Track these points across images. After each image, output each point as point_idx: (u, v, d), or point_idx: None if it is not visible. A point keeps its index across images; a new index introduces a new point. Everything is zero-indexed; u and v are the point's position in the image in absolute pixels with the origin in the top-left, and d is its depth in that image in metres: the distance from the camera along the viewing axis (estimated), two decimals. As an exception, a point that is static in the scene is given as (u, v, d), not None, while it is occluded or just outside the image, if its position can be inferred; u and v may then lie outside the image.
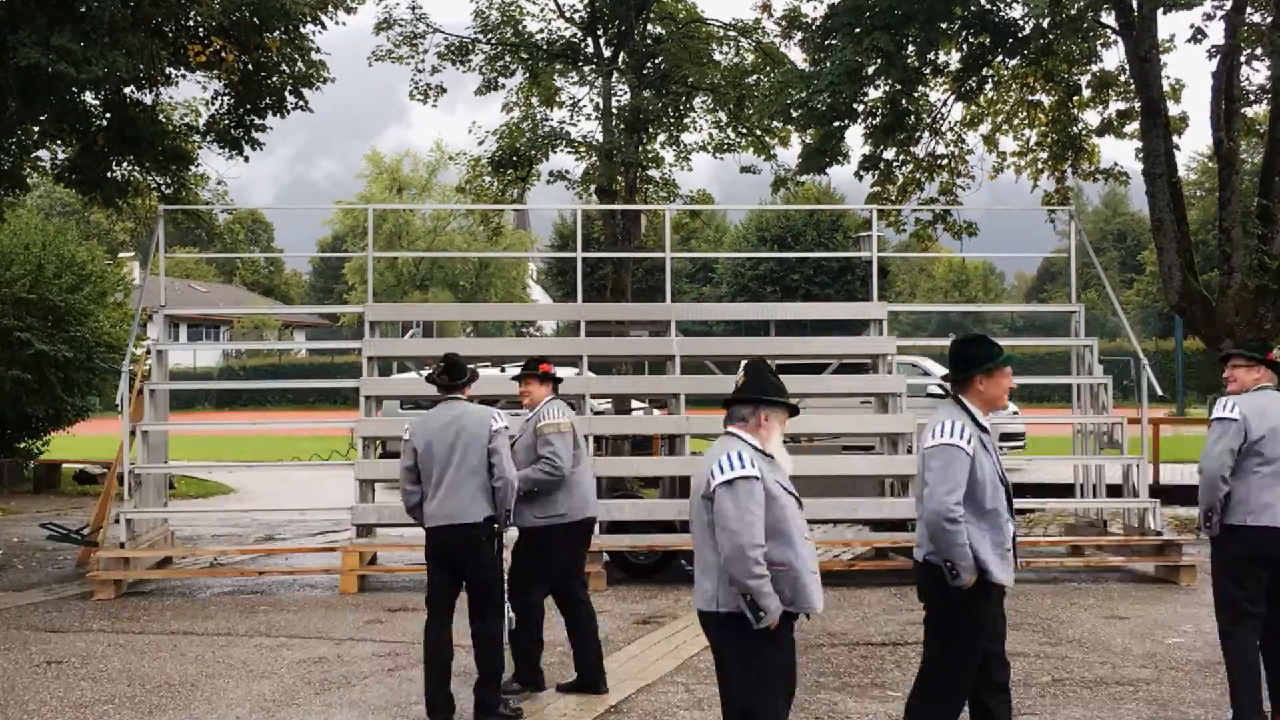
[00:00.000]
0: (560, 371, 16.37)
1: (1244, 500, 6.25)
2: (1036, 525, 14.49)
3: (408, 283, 57.55)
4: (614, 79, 20.03)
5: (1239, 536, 6.28)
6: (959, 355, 5.31)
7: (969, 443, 5.01)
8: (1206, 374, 25.77)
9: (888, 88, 15.62)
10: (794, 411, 4.91)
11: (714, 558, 4.65)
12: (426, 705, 6.66)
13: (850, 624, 9.29)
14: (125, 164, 14.81)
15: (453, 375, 7.03)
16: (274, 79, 14.13)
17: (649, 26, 20.82)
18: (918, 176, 17.10)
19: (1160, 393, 16.22)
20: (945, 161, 17.44)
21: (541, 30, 21.19)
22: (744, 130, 20.77)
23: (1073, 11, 14.12)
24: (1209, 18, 14.09)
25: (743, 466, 4.56)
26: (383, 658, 8.23)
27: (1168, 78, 14.89)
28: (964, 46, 15.89)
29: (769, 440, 4.77)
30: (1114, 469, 12.94)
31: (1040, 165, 17.33)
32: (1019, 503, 14.35)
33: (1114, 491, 12.89)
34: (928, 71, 15.98)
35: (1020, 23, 15.08)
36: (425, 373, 13.40)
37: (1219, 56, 13.90)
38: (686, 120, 21.36)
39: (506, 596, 7.03)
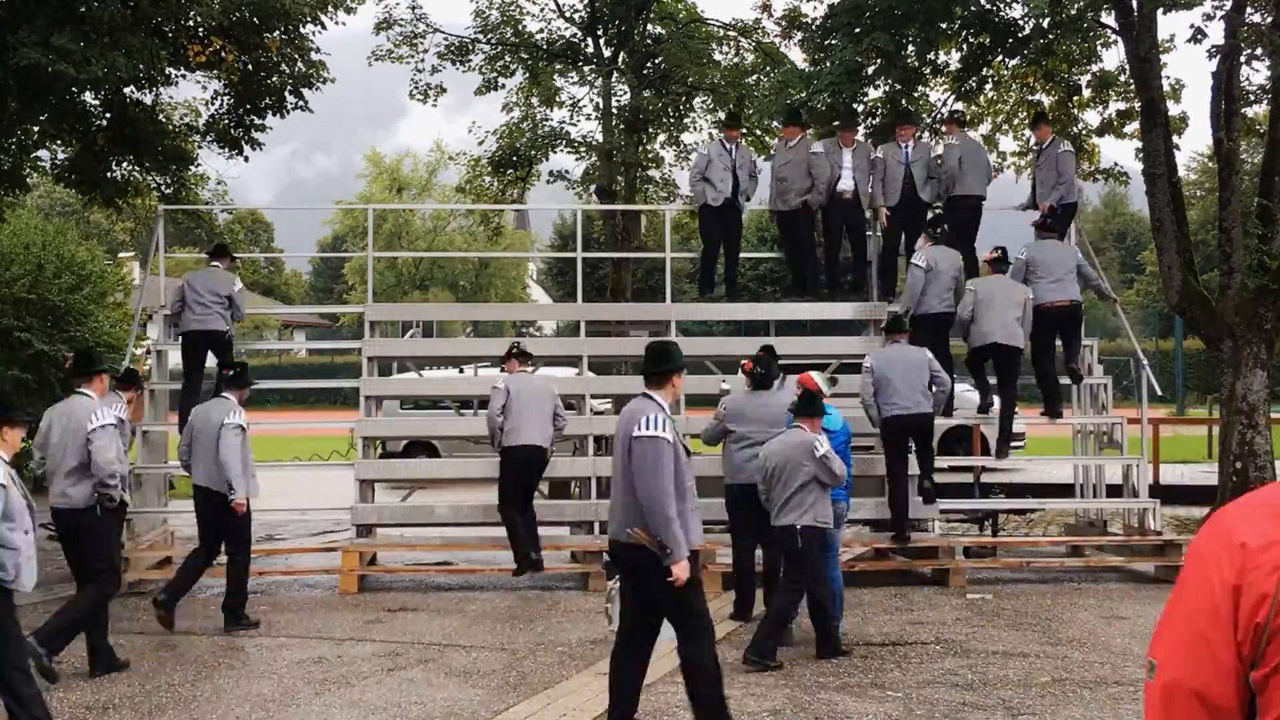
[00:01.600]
0: (560, 372, 16.49)
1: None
2: (1036, 525, 14.50)
3: (408, 283, 57.49)
4: (614, 79, 20.04)
5: None
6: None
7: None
8: (1206, 374, 25.77)
9: (888, 88, 15.63)
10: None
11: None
12: None
13: (850, 624, 9.28)
14: (125, 164, 14.81)
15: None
16: (274, 79, 14.13)
17: (649, 26, 20.84)
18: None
19: (1160, 393, 16.21)
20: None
21: (541, 30, 21.22)
22: (744, 130, 20.78)
23: (1073, 11, 14.11)
24: (1209, 18, 14.08)
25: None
26: (383, 658, 8.23)
27: (1168, 78, 14.88)
28: (964, 46, 15.89)
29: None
30: (1114, 469, 12.94)
31: (1040, 165, 17.31)
32: (1019, 503, 14.33)
33: (1114, 491, 12.90)
34: (928, 71, 15.98)
35: (1020, 23, 15.08)
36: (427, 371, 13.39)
37: (1219, 56, 13.89)
38: (686, 120, 21.38)
39: None
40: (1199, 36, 13.92)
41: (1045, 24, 14.40)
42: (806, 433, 8.15)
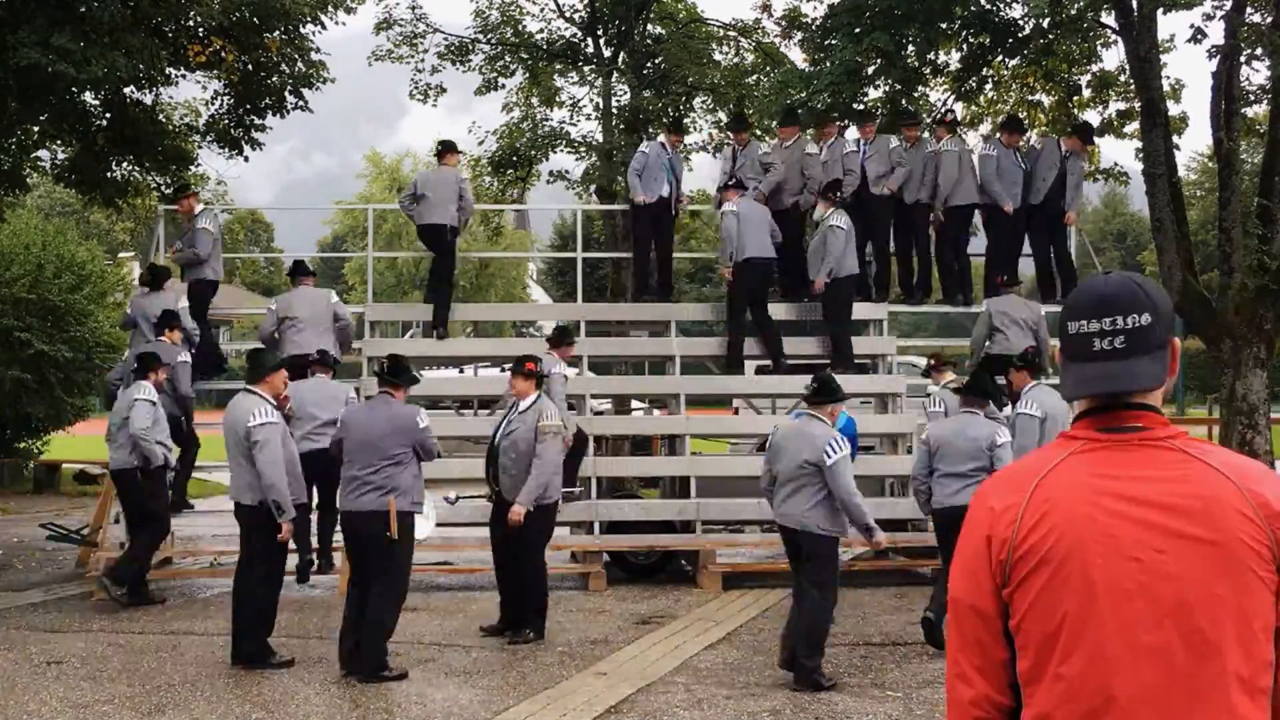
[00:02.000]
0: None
1: None
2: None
3: (408, 283, 57.46)
4: (614, 79, 20.03)
5: None
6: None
7: None
8: (1206, 374, 25.83)
9: (888, 88, 15.63)
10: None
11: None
12: None
13: (850, 624, 9.29)
14: (125, 164, 14.81)
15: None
16: (274, 79, 14.14)
17: (649, 26, 20.83)
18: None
19: (1160, 393, 16.18)
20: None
21: (541, 30, 21.19)
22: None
23: (1073, 11, 14.11)
24: (1209, 18, 14.08)
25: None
26: (383, 658, 8.22)
27: (1168, 78, 14.88)
28: (964, 46, 15.89)
29: None
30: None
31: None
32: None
33: (1114, 491, 12.86)
34: (928, 71, 15.98)
35: (1020, 23, 15.08)
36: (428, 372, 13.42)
37: (1219, 56, 13.89)
38: (686, 120, 21.35)
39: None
40: (1199, 36, 13.92)
41: (1045, 24, 14.39)
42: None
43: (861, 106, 15.55)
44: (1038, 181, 12.82)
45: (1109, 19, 14.86)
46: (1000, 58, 15.96)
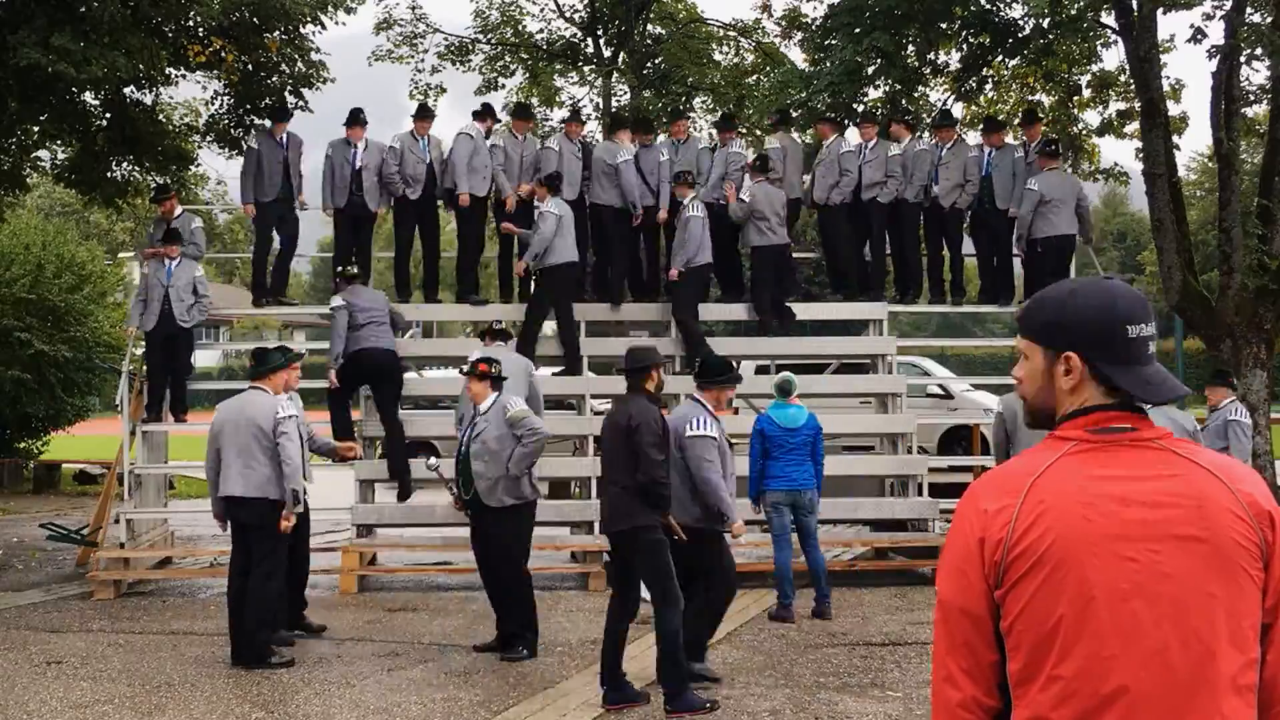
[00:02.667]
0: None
1: None
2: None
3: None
4: (614, 79, 20.05)
5: None
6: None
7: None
8: (1206, 374, 25.87)
9: (888, 88, 15.63)
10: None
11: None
12: None
13: (850, 624, 9.29)
14: (125, 164, 14.82)
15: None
16: (274, 79, 14.14)
17: (649, 26, 20.86)
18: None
19: (1160, 393, 16.18)
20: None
21: (541, 30, 21.24)
22: (744, 130, 20.79)
23: (1073, 11, 14.12)
24: (1209, 18, 14.09)
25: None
26: (383, 658, 8.23)
27: (1168, 78, 14.89)
28: (964, 46, 15.90)
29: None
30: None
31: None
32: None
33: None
34: (928, 71, 15.99)
35: (1020, 23, 15.09)
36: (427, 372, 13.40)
37: (1219, 56, 13.90)
38: (686, 120, 21.37)
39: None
40: (1199, 36, 13.93)
41: (1045, 24, 14.40)
42: None
43: (862, 107, 15.57)
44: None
45: (1109, 19, 14.87)
46: (1000, 58, 15.97)
